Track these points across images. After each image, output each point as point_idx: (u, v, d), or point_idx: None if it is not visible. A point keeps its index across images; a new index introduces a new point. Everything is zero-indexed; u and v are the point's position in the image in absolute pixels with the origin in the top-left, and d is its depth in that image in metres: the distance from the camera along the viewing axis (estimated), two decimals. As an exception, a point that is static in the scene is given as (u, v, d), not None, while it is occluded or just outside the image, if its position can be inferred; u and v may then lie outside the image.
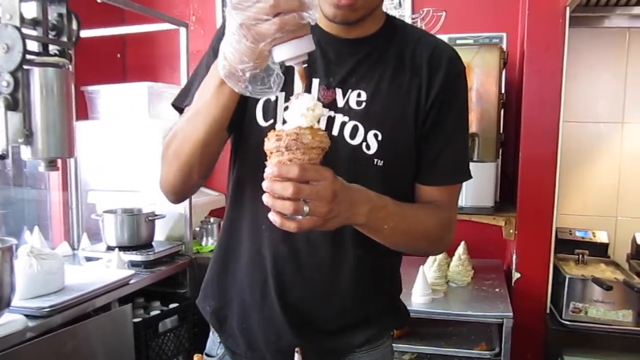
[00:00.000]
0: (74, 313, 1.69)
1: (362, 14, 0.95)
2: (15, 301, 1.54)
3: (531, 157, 2.05)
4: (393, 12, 2.57)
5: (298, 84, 0.83)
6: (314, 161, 0.78)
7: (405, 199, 1.01)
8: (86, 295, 1.74)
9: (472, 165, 1.07)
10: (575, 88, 2.28)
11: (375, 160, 0.98)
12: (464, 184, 1.10)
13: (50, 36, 1.67)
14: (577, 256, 2.15)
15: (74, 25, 1.72)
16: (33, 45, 1.61)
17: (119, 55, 3.01)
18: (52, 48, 1.67)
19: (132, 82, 2.59)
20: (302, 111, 0.78)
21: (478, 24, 2.46)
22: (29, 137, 1.58)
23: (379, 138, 0.97)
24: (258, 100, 1.00)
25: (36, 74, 1.57)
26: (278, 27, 0.72)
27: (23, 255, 1.69)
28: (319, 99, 0.98)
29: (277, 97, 0.98)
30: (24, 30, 1.52)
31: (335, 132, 0.98)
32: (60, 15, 1.69)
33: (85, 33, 1.77)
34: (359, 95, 0.99)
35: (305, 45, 0.77)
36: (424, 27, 2.42)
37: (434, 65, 1.00)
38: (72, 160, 2.43)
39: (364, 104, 0.98)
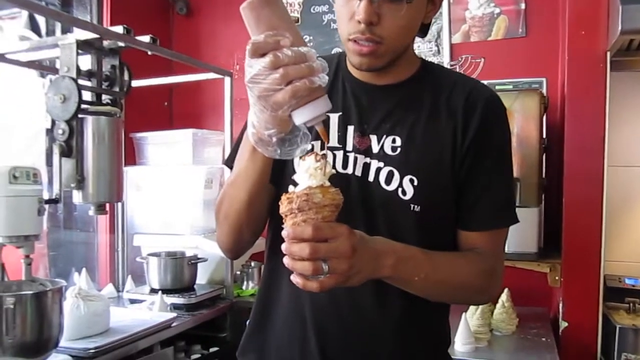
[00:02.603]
0: (118, 355, 1.71)
1: (387, 60, 0.96)
2: (62, 342, 1.57)
3: (575, 202, 2.01)
4: (431, 59, 2.61)
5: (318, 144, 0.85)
6: (328, 219, 0.79)
7: (445, 246, 1.00)
8: (130, 338, 1.77)
9: None
10: (620, 132, 2.24)
11: (412, 205, 0.97)
12: (508, 229, 1.07)
13: (103, 87, 1.77)
14: (627, 305, 2.07)
15: (126, 76, 1.82)
16: (87, 95, 1.71)
17: (166, 104, 3.14)
18: (105, 97, 1.77)
19: (178, 129, 2.69)
20: (310, 172, 0.80)
21: (517, 69, 2.47)
22: (80, 182, 1.65)
23: (415, 183, 0.97)
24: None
25: (90, 122, 1.66)
26: (291, 95, 0.75)
27: (71, 297, 1.74)
28: (354, 147, 1.00)
29: (313, 147, 0.98)
30: (80, 82, 1.61)
31: (371, 178, 0.99)
32: (113, 67, 1.79)
33: (135, 83, 1.87)
34: (393, 141, 1.00)
35: (321, 107, 0.80)
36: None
37: (470, 107, 1.00)
38: (119, 203, 2.51)
39: (399, 150, 0.99)
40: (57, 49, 1.66)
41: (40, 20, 2.14)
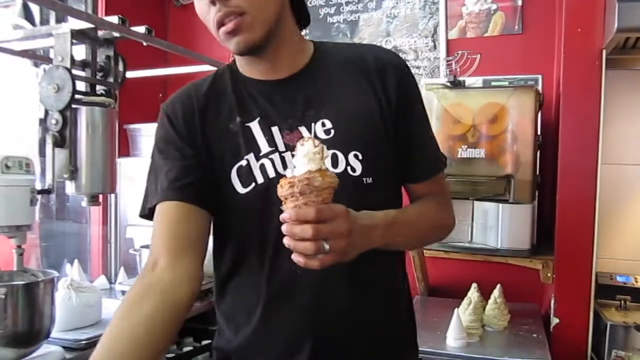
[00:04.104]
0: (109, 346, 1.71)
1: (261, 32, 0.94)
2: (54, 333, 1.57)
3: (569, 199, 2.02)
4: (427, 54, 2.61)
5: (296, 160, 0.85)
6: (327, 201, 0.82)
7: (401, 205, 1.07)
8: (121, 329, 1.76)
9: (507, 207, 1.10)
10: (614, 130, 2.25)
11: (364, 179, 0.98)
12: (500, 227, 1.12)
13: (97, 77, 1.76)
14: (618, 302, 2.09)
15: (120, 67, 1.81)
16: (81, 85, 1.70)
17: (160, 95, 3.12)
18: (99, 88, 1.76)
19: (173, 121, 2.67)
20: (309, 156, 0.81)
21: (513, 66, 2.48)
22: (73, 173, 1.64)
23: (360, 157, 0.98)
24: (231, 173, 1.00)
25: (83, 113, 1.65)
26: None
27: (63, 288, 1.73)
28: (287, 145, 0.99)
29: (248, 161, 0.99)
30: (74, 72, 1.60)
31: None
32: (108, 57, 1.78)
33: (130, 74, 1.86)
34: (323, 124, 1.00)
35: None
36: (458, 70, 2.44)
37: (382, 68, 1.02)
38: (112, 195, 2.49)
39: (332, 131, 0.99)
40: (51, 38, 1.64)
41: (35, 8, 2.12)
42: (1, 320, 1.42)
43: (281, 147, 1.00)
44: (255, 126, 1.01)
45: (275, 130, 1.00)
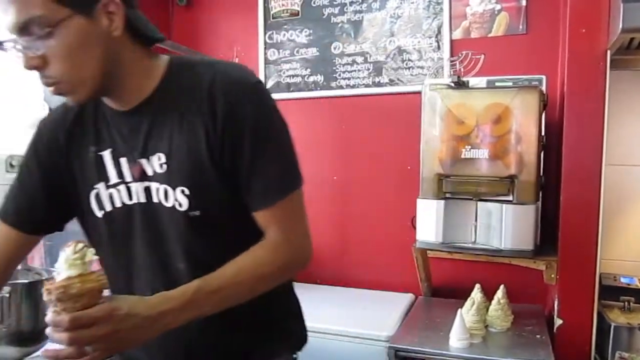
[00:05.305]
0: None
1: (87, 92, 0.95)
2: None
3: (573, 200, 2.01)
4: (431, 55, 2.61)
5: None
6: (91, 304, 0.82)
7: (242, 236, 1.02)
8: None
9: (510, 208, 1.04)
10: (618, 131, 2.24)
11: (191, 213, 0.99)
12: (504, 227, 1.07)
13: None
14: (622, 303, 2.08)
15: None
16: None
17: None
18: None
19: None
20: (69, 262, 0.82)
21: (517, 66, 2.47)
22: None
23: (186, 192, 0.99)
24: (90, 194, 1.07)
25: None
26: None
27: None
28: (132, 176, 1.03)
29: (99, 190, 1.06)
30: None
31: (155, 199, 1.02)
32: (112, 56, 1.78)
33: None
34: (159, 158, 1.01)
35: None
36: (462, 70, 2.44)
37: (213, 98, 0.98)
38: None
39: (165, 166, 1.00)
40: (56, 37, 1.64)
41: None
42: (5, 319, 1.43)
43: (128, 178, 1.04)
44: (107, 156, 1.05)
45: (123, 161, 1.04)
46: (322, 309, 2.37)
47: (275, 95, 1.07)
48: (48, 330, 0.83)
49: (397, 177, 2.67)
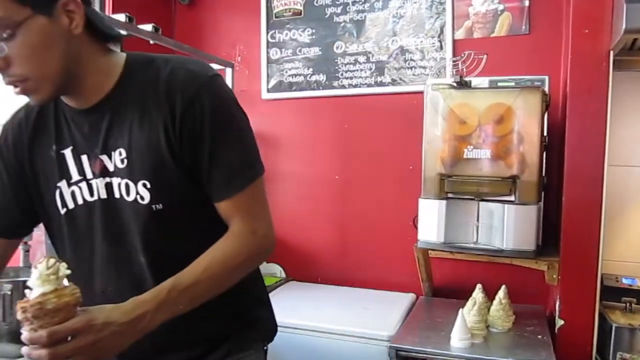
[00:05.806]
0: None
1: (51, 90, 0.97)
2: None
3: (575, 200, 2.01)
4: (433, 55, 2.60)
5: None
6: (66, 319, 0.82)
7: (208, 228, 1.05)
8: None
9: (512, 208, 1.04)
10: (621, 132, 2.24)
11: (154, 206, 1.01)
12: (505, 227, 1.07)
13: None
14: (624, 304, 2.08)
15: (127, 65, 1.80)
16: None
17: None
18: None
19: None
20: (43, 278, 0.82)
21: (519, 67, 2.47)
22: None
23: (148, 186, 1.00)
24: (54, 193, 1.08)
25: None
26: None
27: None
28: (94, 173, 1.05)
29: (61, 188, 1.07)
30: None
31: (117, 195, 1.03)
32: (114, 55, 1.78)
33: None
34: (120, 153, 1.02)
35: None
36: (464, 70, 2.44)
37: (171, 93, 1.00)
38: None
39: (126, 161, 1.02)
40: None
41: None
42: (7, 316, 1.43)
43: (89, 175, 1.05)
44: (68, 154, 1.07)
45: (84, 158, 1.05)
46: (323, 309, 2.38)
47: (277, 95, 1.08)
48: (25, 350, 0.83)
49: (399, 177, 2.67)
